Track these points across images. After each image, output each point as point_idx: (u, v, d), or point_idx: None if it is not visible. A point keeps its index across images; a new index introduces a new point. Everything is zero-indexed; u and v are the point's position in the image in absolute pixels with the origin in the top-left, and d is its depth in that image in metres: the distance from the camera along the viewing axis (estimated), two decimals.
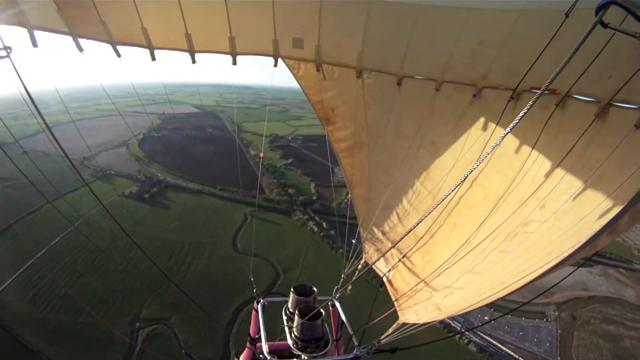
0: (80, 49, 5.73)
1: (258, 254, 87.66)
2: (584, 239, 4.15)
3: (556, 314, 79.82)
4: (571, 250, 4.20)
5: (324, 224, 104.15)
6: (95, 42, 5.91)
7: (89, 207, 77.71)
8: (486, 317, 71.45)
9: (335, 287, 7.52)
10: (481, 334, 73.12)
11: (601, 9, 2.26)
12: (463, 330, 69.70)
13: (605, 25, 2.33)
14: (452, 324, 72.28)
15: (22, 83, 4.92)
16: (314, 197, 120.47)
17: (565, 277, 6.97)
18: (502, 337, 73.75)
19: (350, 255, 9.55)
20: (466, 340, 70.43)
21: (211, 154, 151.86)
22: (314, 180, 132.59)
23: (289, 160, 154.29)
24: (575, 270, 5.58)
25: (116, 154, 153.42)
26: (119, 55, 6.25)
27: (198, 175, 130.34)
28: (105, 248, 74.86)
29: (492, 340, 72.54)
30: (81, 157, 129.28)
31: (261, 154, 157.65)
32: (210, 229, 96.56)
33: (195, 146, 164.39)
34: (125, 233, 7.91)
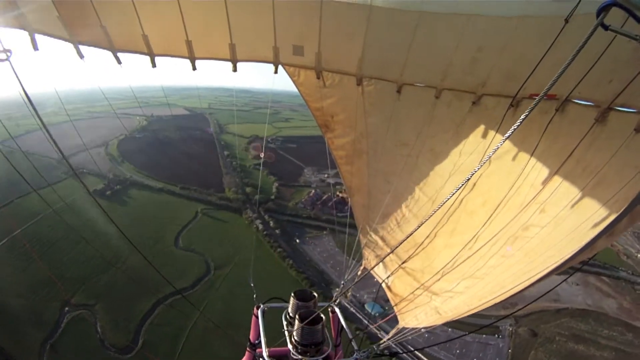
0: (81, 56, 5.73)
1: (195, 250, 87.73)
2: (583, 243, 4.15)
3: (511, 329, 66.30)
4: (570, 254, 4.19)
5: (271, 223, 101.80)
6: (96, 48, 5.91)
7: (52, 202, 79.77)
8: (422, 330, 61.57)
9: (335, 293, 7.46)
10: (411, 347, 57.23)
11: (602, 10, 2.26)
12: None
13: (606, 28, 2.33)
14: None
15: (22, 85, 4.91)
16: (272, 197, 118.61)
17: (556, 286, 6.68)
18: (436, 354, 61.17)
19: (350, 261, 9.51)
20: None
21: (185, 154, 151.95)
22: (279, 180, 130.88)
23: (261, 160, 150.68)
24: (567, 278, 5.45)
25: (93, 153, 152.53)
26: (119, 62, 6.24)
27: (165, 175, 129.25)
28: (59, 239, 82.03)
29: (422, 357, 60.41)
30: (59, 156, 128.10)
31: (261, 154, 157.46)
32: (158, 225, 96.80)
33: (172, 146, 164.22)
34: (117, 227, 7.91)
